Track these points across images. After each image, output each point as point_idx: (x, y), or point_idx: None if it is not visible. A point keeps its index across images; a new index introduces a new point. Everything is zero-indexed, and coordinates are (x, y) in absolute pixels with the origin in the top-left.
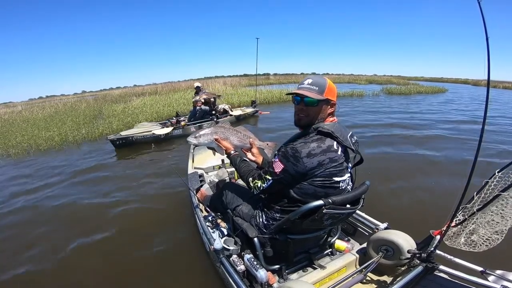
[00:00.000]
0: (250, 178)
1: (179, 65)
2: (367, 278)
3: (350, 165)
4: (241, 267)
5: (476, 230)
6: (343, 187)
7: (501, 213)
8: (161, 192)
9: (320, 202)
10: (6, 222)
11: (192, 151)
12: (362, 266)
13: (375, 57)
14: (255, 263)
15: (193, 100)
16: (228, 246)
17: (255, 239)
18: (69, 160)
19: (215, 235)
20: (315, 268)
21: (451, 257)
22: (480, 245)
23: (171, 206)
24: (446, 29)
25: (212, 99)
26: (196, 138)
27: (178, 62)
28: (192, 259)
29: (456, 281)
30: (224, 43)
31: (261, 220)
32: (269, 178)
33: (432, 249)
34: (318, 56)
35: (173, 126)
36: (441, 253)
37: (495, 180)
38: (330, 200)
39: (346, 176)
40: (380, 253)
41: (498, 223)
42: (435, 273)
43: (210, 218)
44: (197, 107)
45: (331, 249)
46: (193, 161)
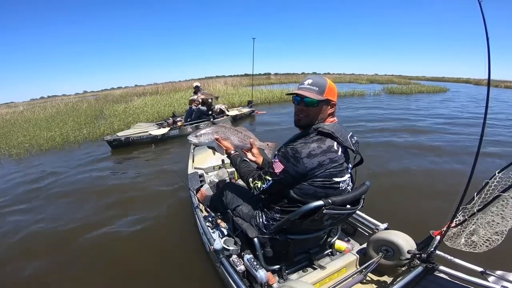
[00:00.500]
0: (250, 179)
1: (180, 65)
2: (367, 279)
3: (350, 165)
4: (241, 267)
5: (476, 231)
6: (343, 188)
7: (501, 214)
8: (161, 192)
9: (320, 202)
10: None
11: (192, 151)
12: (362, 267)
13: (376, 56)
14: (255, 263)
15: (190, 99)
16: (228, 246)
17: (255, 239)
18: (70, 160)
19: (215, 235)
20: (315, 269)
21: (451, 258)
22: (481, 246)
23: (171, 206)
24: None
25: (210, 100)
26: (196, 137)
27: (179, 62)
28: (192, 259)
29: (456, 281)
30: (225, 43)
31: (261, 220)
32: (269, 178)
33: (432, 249)
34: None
35: (169, 127)
36: (441, 253)
37: (495, 181)
38: (330, 201)
39: (346, 176)
40: (380, 253)
41: (498, 223)
42: (435, 273)
43: (210, 218)
44: (194, 107)
45: (331, 250)
46: (193, 161)
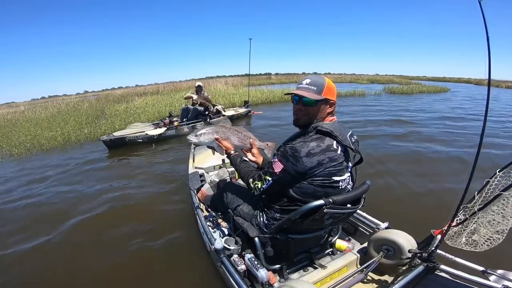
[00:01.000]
0: (251, 179)
1: (181, 65)
2: (368, 278)
3: (350, 164)
4: (242, 267)
5: (477, 230)
6: (343, 187)
7: (502, 213)
8: (161, 192)
9: (321, 201)
10: None
11: (193, 150)
12: (363, 266)
13: (377, 56)
14: (256, 262)
15: (188, 95)
16: (229, 245)
17: (256, 239)
18: (69, 160)
19: (216, 235)
20: (315, 268)
21: (452, 257)
22: (482, 245)
23: (171, 206)
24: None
25: (207, 104)
26: (196, 137)
27: (179, 62)
28: (192, 259)
29: (457, 280)
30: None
31: (261, 219)
32: (269, 178)
33: (433, 248)
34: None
35: (166, 127)
36: (442, 252)
37: (496, 180)
38: (331, 200)
39: (346, 175)
40: (381, 252)
41: (499, 222)
42: (436, 272)
43: (210, 218)
44: (190, 106)
45: (332, 249)
46: (193, 160)
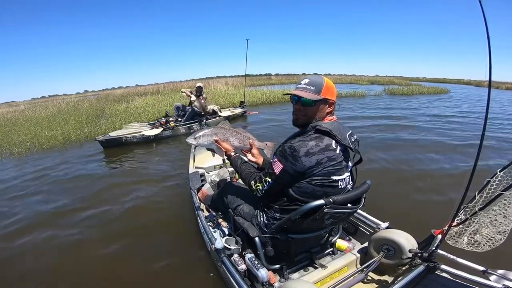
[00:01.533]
0: (252, 182)
1: (181, 65)
2: (368, 278)
3: (350, 164)
4: (242, 267)
5: (479, 230)
6: (342, 186)
7: (503, 213)
8: (161, 192)
9: (321, 201)
10: None
11: (193, 150)
12: (363, 266)
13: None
14: (256, 262)
15: (185, 91)
16: (229, 245)
17: (256, 239)
18: (69, 159)
19: (216, 234)
20: (316, 268)
21: (453, 257)
22: (484, 245)
23: (171, 206)
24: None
25: (205, 105)
26: (195, 139)
27: (179, 62)
28: (193, 259)
29: (457, 280)
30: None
31: (262, 219)
32: (269, 180)
33: (433, 248)
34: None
35: (162, 127)
36: (443, 252)
37: (497, 180)
38: (331, 200)
39: (346, 175)
40: (381, 252)
41: (501, 223)
42: (436, 272)
43: (211, 217)
44: (188, 107)
45: (332, 249)
46: (194, 160)
